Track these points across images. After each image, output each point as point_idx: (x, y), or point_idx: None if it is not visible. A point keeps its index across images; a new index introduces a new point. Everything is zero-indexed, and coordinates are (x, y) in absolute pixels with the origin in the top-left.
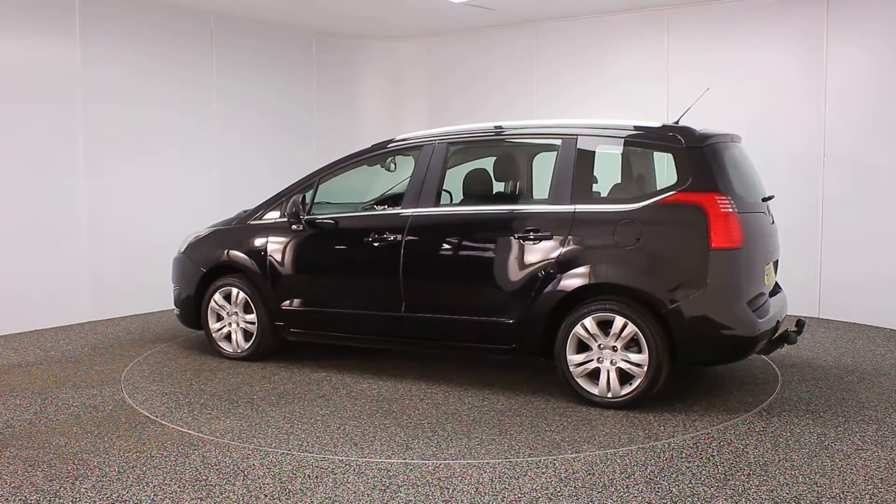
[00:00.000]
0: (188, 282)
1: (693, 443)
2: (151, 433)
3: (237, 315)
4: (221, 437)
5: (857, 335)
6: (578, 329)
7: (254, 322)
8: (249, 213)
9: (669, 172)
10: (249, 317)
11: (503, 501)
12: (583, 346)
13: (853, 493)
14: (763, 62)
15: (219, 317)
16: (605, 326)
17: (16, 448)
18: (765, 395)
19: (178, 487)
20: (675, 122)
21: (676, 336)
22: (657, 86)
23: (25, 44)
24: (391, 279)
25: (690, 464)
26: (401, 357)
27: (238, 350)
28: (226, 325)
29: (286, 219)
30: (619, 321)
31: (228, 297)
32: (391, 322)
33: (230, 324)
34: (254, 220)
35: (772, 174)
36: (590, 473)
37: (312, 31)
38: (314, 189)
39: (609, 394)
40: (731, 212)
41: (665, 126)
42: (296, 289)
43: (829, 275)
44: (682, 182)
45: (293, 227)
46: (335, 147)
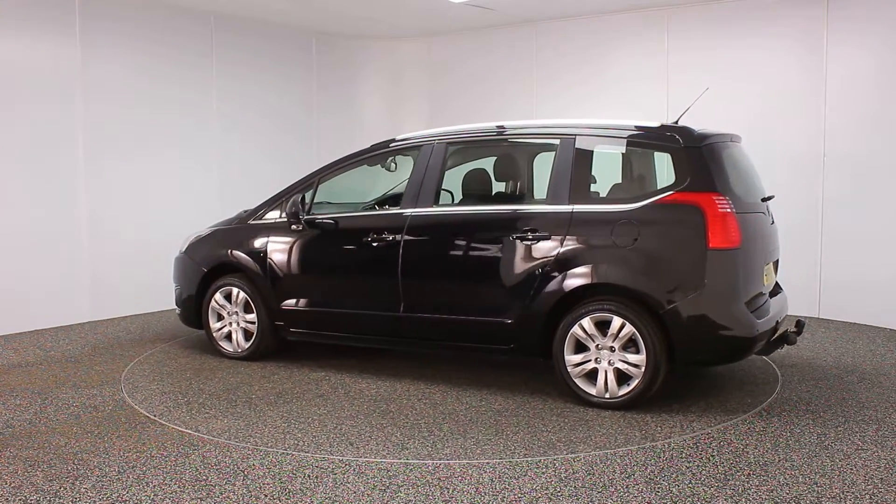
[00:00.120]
0: (189, 281)
1: (693, 443)
2: (151, 433)
3: (238, 315)
4: (221, 437)
5: (857, 335)
6: (576, 329)
7: (254, 322)
8: (250, 213)
9: (669, 172)
10: (250, 316)
11: (503, 501)
12: (581, 347)
13: (853, 493)
14: (763, 62)
15: (219, 316)
16: (603, 327)
17: (16, 448)
18: (765, 396)
19: (178, 487)
20: (675, 122)
21: (674, 336)
22: (657, 86)
23: (25, 44)
24: (390, 279)
25: (690, 464)
26: (399, 357)
27: (238, 350)
28: (226, 325)
29: (286, 219)
30: (617, 321)
31: (229, 297)
32: (390, 322)
33: (231, 323)
34: (254, 220)
35: (772, 174)
36: (590, 473)
37: (312, 31)
38: (314, 189)
39: (607, 394)
40: (729, 212)
41: (663, 126)
42: (295, 289)
43: (829, 275)
44: (681, 182)
45: (293, 227)
46: (335, 147)
